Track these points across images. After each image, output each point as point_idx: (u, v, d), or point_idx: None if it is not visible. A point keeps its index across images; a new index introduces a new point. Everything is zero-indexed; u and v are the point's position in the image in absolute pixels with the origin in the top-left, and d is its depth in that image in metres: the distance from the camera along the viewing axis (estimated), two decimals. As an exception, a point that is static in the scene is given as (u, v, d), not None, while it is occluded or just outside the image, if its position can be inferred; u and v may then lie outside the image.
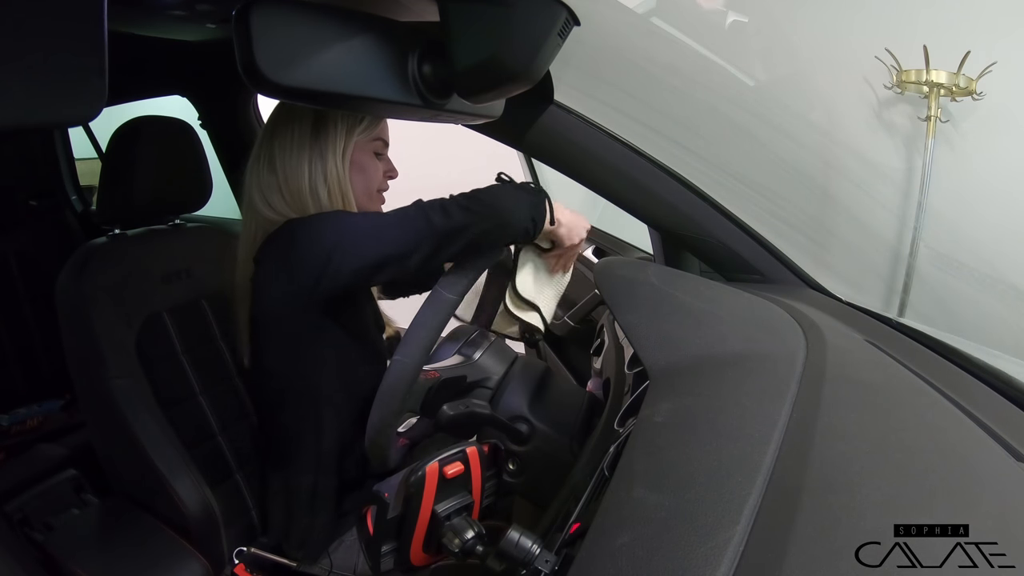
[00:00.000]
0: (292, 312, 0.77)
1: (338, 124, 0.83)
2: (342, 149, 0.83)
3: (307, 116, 0.83)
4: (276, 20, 0.52)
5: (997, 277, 1.03)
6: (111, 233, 1.01)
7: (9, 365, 1.74)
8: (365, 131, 0.85)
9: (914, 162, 1.03)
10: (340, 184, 0.83)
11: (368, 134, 0.85)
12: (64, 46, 0.39)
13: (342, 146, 0.83)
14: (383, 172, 0.89)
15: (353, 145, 0.84)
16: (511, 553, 0.50)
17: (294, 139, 0.82)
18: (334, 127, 0.82)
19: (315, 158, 0.82)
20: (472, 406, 0.78)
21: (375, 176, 0.88)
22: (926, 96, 0.99)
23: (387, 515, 0.72)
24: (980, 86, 0.97)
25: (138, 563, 0.90)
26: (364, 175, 0.86)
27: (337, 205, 0.83)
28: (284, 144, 0.82)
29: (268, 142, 0.84)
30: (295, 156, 0.82)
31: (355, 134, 0.84)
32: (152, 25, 1.15)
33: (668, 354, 0.64)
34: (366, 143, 0.86)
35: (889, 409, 0.49)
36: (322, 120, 0.82)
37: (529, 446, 0.85)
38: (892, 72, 1.00)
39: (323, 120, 0.82)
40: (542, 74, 0.60)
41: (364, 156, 0.86)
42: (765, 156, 1.01)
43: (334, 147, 0.82)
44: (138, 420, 0.91)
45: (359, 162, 0.85)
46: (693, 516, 0.38)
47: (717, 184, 0.89)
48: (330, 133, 0.82)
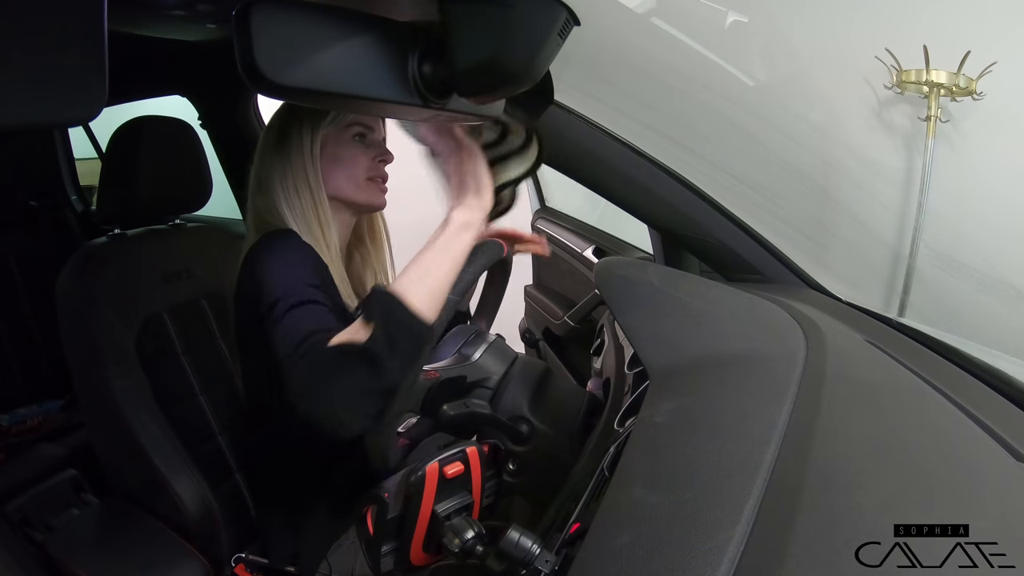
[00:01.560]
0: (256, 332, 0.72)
1: (303, 121, 0.80)
2: (309, 145, 0.80)
3: (275, 120, 0.81)
4: (276, 20, 0.52)
5: (997, 277, 1.03)
6: (111, 233, 1.01)
7: (9, 365, 1.74)
8: (334, 121, 0.81)
9: (914, 162, 1.03)
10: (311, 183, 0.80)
11: (339, 123, 0.82)
12: (64, 46, 0.39)
13: (309, 142, 0.80)
14: (371, 157, 0.84)
15: (321, 138, 0.81)
16: (511, 553, 0.50)
17: (267, 146, 0.81)
18: (298, 124, 0.80)
19: (283, 161, 0.80)
20: (472, 406, 0.78)
21: (358, 164, 0.83)
22: (926, 96, 0.99)
23: (387, 515, 0.72)
24: (980, 86, 0.97)
25: (138, 563, 0.89)
26: (343, 166, 0.82)
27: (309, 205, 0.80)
28: (259, 152, 0.82)
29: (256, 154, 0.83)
30: (267, 162, 0.81)
31: (322, 127, 0.81)
32: (152, 25, 1.15)
33: (668, 354, 0.64)
34: (339, 132, 0.82)
35: (889, 409, 0.50)
36: (287, 120, 0.80)
37: (529, 446, 0.85)
38: (892, 72, 1.00)
39: (288, 120, 0.80)
40: (542, 74, 0.60)
41: (339, 147, 0.82)
42: (765, 156, 1.01)
43: (299, 145, 0.80)
44: (138, 420, 0.91)
45: (333, 154, 0.82)
46: (693, 516, 0.38)
47: (717, 184, 0.89)
48: (294, 132, 0.80)
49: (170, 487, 0.91)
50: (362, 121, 0.84)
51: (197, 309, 1.06)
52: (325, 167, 0.81)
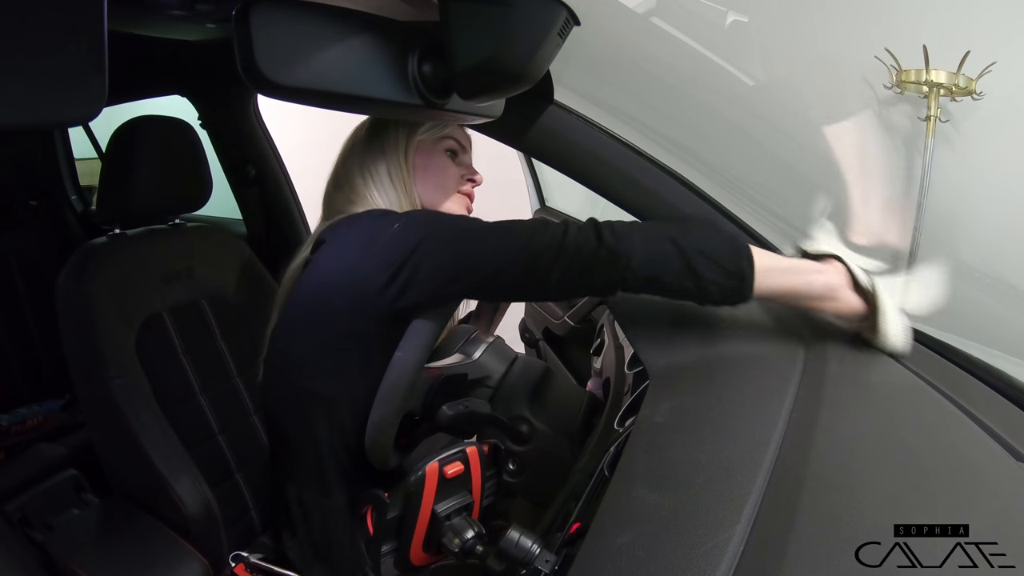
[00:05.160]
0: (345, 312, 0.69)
1: (399, 124, 0.80)
2: (404, 147, 0.80)
3: (368, 120, 0.82)
4: (276, 20, 0.52)
5: (997, 277, 1.03)
6: (111, 233, 1.01)
7: (9, 365, 1.73)
8: (428, 131, 0.81)
9: (914, 162, 1.03)
10: (404, 179, 0.79)
11: (432, 134, 0.81)
12: (64, 46, 0.39)
13: (404, 144, 0.80)
14: (460, 174, 0.84)
15: (416, 145, 0.81)
16: (511, 553, 0.50)
17: (355, 144, 0.82)
18: (394, 126, 0.80)
19: (375, 157, 0.79)
20: (472, 406, 0.78)
21: (446, 178, 0.83)
22: (926, 96, 0.99)
23: (387, 515, 0.72)
24: (980, 86, 0.97)
25: (138, 563, 0.89)
26: (433, 175, 0.82)
27: (404, 198, 0.79)
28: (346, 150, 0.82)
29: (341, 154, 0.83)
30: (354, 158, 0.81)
31: (418, 133, 0.81)
32: (152, 25, 1.15)
33: (668, 354, 0.64)
34: (433, 143, 0.82)
35: (889, 409, 0.50)
36: (381, 121, 0.81)
37: (529, 446, 0.85)
38: (892, 72, 1.00)
39: (382, 121, 0.81)
40: (542, 74, 0.60)
41: (429, 157, 0.82)
42: (765, 156, 1.01)
43: (394, 146, 0.80)
44: (138, 420, 0.91)
45: (425, 163, 0.81)
46: (693, 516, 0.38)
47: (717, 184, 0.89)
48: (389, 133, 0.80)
49: (170, 487, 0.91)
50: (456, 138, 0.84)
51: (197, 309, 1.06)
52: (416, 173, 0.81)
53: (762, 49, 1.08)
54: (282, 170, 1.70)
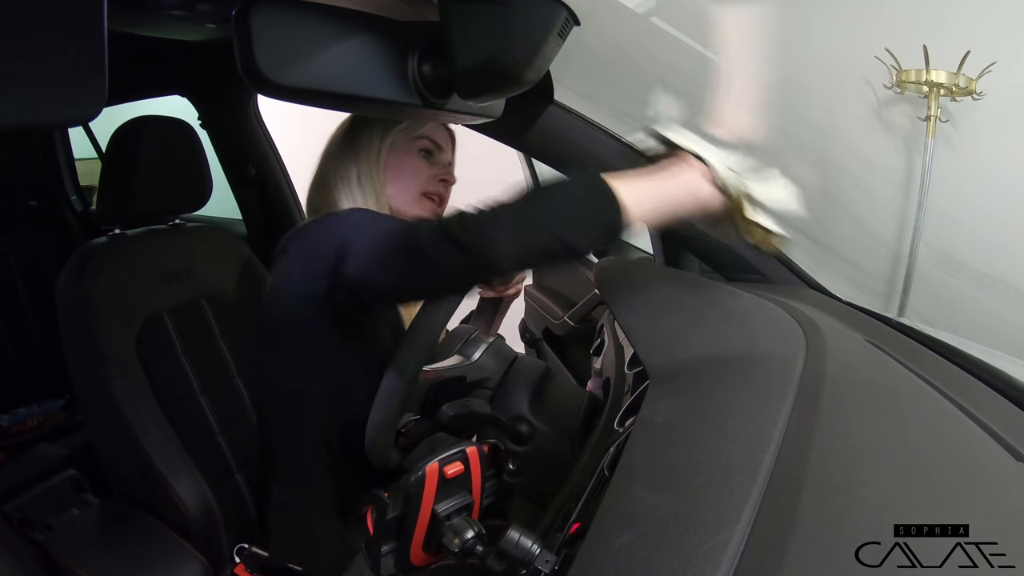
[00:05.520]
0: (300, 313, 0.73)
1: (374, 123, 0.80)
2: (377, 147, 0.80)
3: (346, 120, 0.82)
4: (276, 20, 0.52)
5: (997, 277, 1.03)
6: (111, 233, 1.01)
7: (9, 365, 1.74)
8: (405, 130, 0.81)
9: (914, 162, 1.03)
10: (374, 182, 0.79)
11: (406, 134, 0.81)
12: (64, 46, 0.39)
13: (377, 144, 0.80)
14: (432, 174, 0.83)
15: (389, 144, 0.80)
16: (511, 553, 0.50)
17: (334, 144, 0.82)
18: (369, 125, 0.80)
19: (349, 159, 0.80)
20: (472, 406, 0.78)
21: (417, 177, 0.82)
22: (926, 96, 0.99)
23: (387, 515, 0.72)
24: (980, 86, 0.97)
25: (138, 563, 0.89)
26: (401, 176, 0.81)
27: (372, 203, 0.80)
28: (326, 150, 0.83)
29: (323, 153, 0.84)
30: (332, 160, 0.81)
31: (392, 132, 0.80)
32: (152, 25, 1.15)
33: (668, 354, 0.64)
34: (407, 143, 0.81)
35: (889, 409, 0.49)
36: (358, 120, 0.81)
37: (529, 446, 0.85)
38: (892, 72, 1.00)
39: (359, 120, 0.81)
40: (542, 74, 0.60)
41: (403, 157, 0.81)
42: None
43: (368, 146, 0.80)
44: (138, 420, 0.91)
45: (395, 164, 0.81)
46: (693, 516, 0.38)
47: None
48: (364, 133, 0.80)
49: (170, 487, 0.91)
50: (432, 137, 0.83)
51: (197, 309, 1.06)
52: (387, 175, 0.81)
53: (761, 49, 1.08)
54: (282, 170, 1.70)
